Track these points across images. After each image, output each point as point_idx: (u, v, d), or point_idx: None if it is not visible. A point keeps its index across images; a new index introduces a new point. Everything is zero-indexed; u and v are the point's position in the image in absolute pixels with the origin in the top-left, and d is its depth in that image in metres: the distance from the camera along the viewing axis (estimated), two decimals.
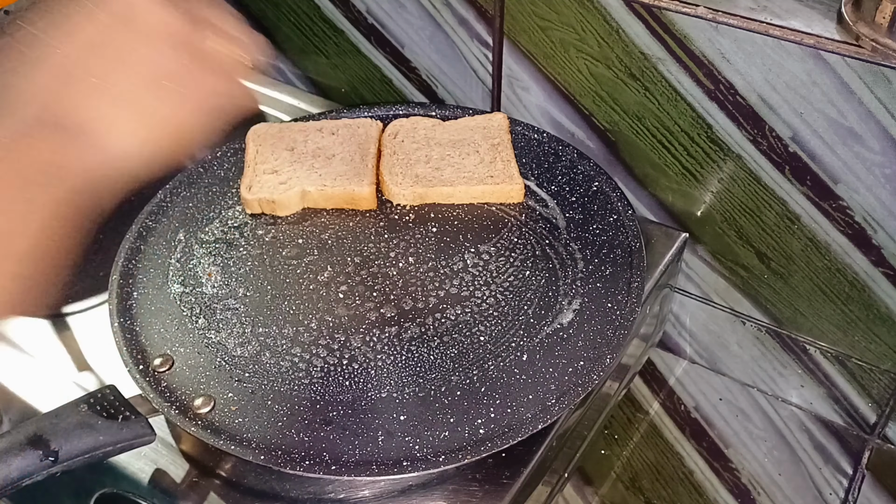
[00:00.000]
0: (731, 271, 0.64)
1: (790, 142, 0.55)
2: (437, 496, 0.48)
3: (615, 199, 0.60)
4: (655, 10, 0.55)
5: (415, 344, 0.52)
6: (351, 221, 0.61)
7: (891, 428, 0.64)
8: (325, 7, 0.75)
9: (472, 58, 0.69)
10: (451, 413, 0.48)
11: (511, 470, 0.48)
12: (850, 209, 0.56)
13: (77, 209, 0.39)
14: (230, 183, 0.64)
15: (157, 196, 0.63)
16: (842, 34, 0.51)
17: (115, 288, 0.56)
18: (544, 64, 0.64)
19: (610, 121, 0.63)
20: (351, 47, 0.76)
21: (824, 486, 0.62)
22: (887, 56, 0.49)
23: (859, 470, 0.63)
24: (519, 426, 0.47)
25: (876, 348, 0.61)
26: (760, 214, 0.60)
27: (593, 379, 0.49)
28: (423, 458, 0.46)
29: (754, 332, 0.66)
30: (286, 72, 0.84)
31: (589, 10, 0.59)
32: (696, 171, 0.61)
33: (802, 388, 0.66)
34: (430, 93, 0.75)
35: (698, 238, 0.64)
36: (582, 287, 0.55)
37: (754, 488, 0.63)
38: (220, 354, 0.52)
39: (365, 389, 0.49)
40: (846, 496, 0.62)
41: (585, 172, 0.63)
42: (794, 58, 0.52)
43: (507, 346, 0.52)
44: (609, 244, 0.58)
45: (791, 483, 0.63)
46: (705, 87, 0.57)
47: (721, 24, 0.53)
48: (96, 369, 0.58)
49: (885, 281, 0.57)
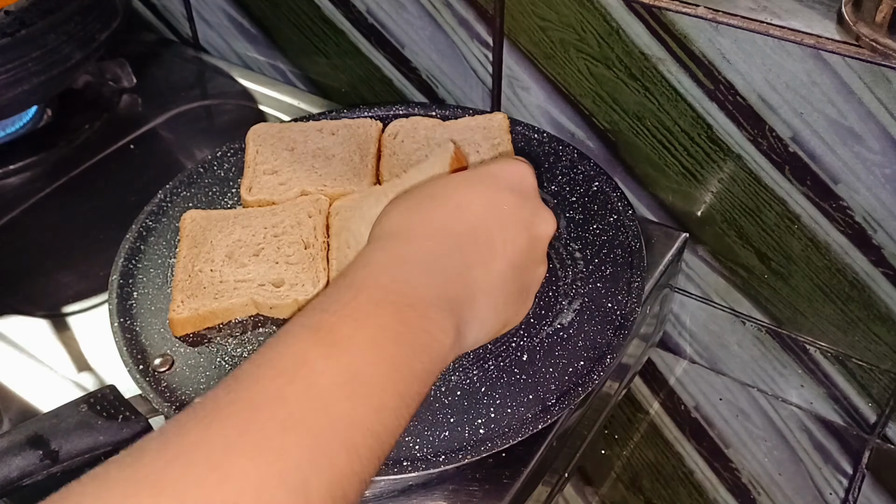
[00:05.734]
0: (732, 271, 0.64)
1: (790, 142, 0.55)
2: (437, 496, 0.48)
3: (615, 199, 0.60)
4: (655, 10, 0.55)
5: None
6: None
7: (891, 428, 0.64)
8: (325, 7, 0.75)
9: (472, 58, 0.69)
10: (451, 413, 0.48)
11: (511, 470, 0.48)
12: (850, 209, 0.56)
13: None
14: (230, 183, 0.64)
15: (157, 196, 0.63)
16: (842, 34, 0.51)
17: (115, 288, 0.56)
18: (544, 64, 0.64)
19: (610, 121, 0.63)
20: (351, 47, 0.76)
21: (824, 486, 0.62)
22: (887, 56, 0.49)
23: (859, 470, 0.63)
24: (519, 426, 0.47)
25: (876, 348, 0.61)
26: (760, 214, 0.60)
27: (593, 379, 0.49)
28: (423, 458, 0.46)
29: (754, 332, 0.66)
30: (286, 72, 0.84)
31: (589, 10, 0.59)
32: (697, 171, 0.61)
33: (802, 388, 0.66)
34: (430, 93, 0.75)
35: (698, 238, 0.64)
36: (582, 287, 0.55)
37: (754, 488, 0.63)
38: (220, 354, 0.52)
39: None
40: (846, 496, 0.62)
41: (585, 172, 0.63)
42: (794, 58, 0.52)
43: (507, 346, 0.52)
44: (609, 244, 0.58)
45: (791, 483, 0.63)
46: (705, 87, 0.57)
47: (721, 25, 0.53)
48: (96, 369, 0.58)
49: (885, 281, 0.57)
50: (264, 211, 0.59)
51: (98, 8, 0.73)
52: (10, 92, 0.66)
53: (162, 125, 0.79)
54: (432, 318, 0.38)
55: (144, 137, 0.78)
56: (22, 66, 0.66)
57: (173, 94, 0.82)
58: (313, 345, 0.35)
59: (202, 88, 0.85)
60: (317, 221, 0.57)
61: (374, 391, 0.35)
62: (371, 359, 0.35)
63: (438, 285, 0.39)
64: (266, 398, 0.33)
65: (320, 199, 0.59)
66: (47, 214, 0.70)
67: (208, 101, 0.83)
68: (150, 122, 0.79)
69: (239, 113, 0.80)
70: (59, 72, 0.69)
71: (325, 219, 0.58)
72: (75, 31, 0.69)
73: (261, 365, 0.34)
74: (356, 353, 0.35)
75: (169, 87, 0.84)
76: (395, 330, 0.37)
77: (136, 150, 0.76)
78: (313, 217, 0.57)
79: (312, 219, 0.57)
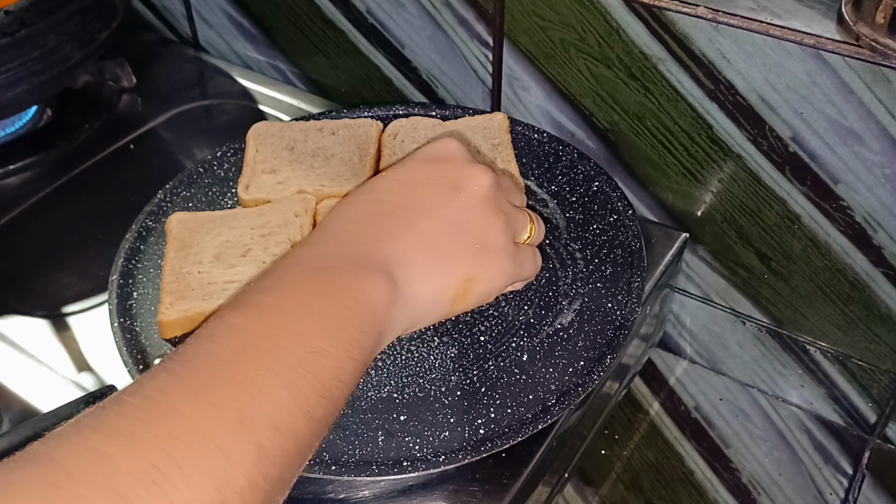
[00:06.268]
0: (732, 271, 0.64)
1: (790, 142, 0.55)
2: (437, 496, 0.48)
3: (615, 199, 0.60)
4: (655, 10, 0.55)
5: (415, 344, 0.52)
6: None
7: (891, 428, 0.64)
8: (325, 7, 0.75)
9: (472, 58, 0.69)
10: (451, 413, 0.48)
11: (511, 470, 0.48)
12: (850, 209, 0.56)
13: None
14: (230, 183, 0.64)
15: (157, 196, 0.63)
16: (842, 34, 0.51)
17: (114, 288, 0.56)
18: (544, 64, 0.64)
19: (610, 121, 0.63)
20: (351, 47, 0.76)
21: (824, 486, 0.62)
22: (887, 56, 0.49)
23: (859, 470, 0.63)
24: (519, 426, 0.47)
25: (876, 348, 0.61)
26: (761, 214, 0.60)
27: (593, 379, 0.49)
28: (423, 458, 0.46)
29: (754, 332, 0.66)
30: (286, 72, 0.84)
31: (589, 9, 0.59)
32: (697, 171, 0.61)
33: (802, 388, 0.66)
34: (430, 93, 0.75)
35: (698, 238, 0.64)
36: (582, 287, 0.55)
37: (754, 488, 0.63)
38: None
39: (365, 389, 0.49)
40: (846, 496, 0.62)
41: (585, 172, 0.63)
42: (795, 58, 0.52)
43: (507, 346, 0.52)
44: (609, 244, 0.58)
45: (791, 483, 0.63)
46: (705, 87, 0.57)
47: (721, 24, 0.53)
48: (96, 369, 0.58)
49: (885, 281, 0.57)
50: (251, 211, 0.59)
51: (98, 8, 0.72)
52: (10, 92, 0.66)
53: (162, 125, 0.79)
54: (358, 275, 0.40)
55: (144, 137, 0.78)
56: (22, 66, 0.66)
57: (173, 94, 0.82)
58: (239, 314, 0.37)
59: (202, 88, 0.85)
60: (304, 220, 0.57)
61: (304, 335, 0.35)
62: (297, 312, 0.36)
63: (360, 251, 0.41)
64: (197, 354, 0.34)
65: (307, 198, 0.59)
66: (47, 214, 0.70)
67: (208, 101, 0.83)
68: (149, 122, 0.79)
69: (239, 113, 0.80)
70: (59, 72, 0.69)
71: (313, 218, 0.58)
72: (75, 31, 0.69)
73: (191, 341, 0.36)
74: (282, 311, 0.37)
75: (169, 87, 0.84)
76: (319, 290, 0.38)
77: (136, 150, 0.76)
78: (300, 216, 0.57)
79: (299, 218, 0.57)
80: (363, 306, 0.39)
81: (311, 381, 0.34)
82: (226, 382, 0.33)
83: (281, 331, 0.35)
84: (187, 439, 0.30)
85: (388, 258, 0.42)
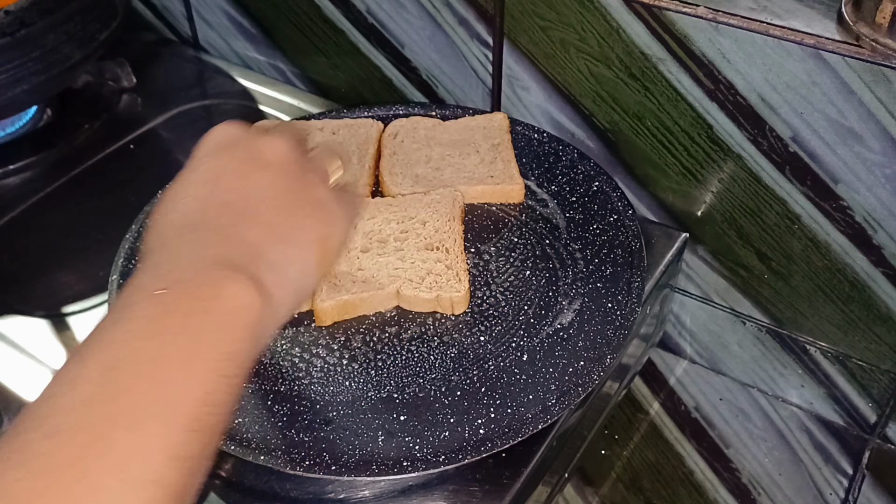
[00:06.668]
0: (732, 271, 0.64)
1: (790, 142, 0.55)
2: (437, 496, 0.48)
3: (615, 199, 0.60)
4: (655, 10, 0.55)
5: (415, 344, 0.52)
6: None
7: (891, 428, 0.64)
8: (325, 7, 0.75)
9: (472, 58, 0.69)
10: (451, 413, 0.48)
11: (511, 470, 0.48)
12: (850, 209, 0.56)
13: None
14: None
15: (156, 196, 0.63)
16: (842, 34, 0.51)
17: (115, 288, 0.56)
18: (544, 64, 0.64)
19: (610, 121, 0.63)
20: (351, 47, 0.76)
21: (824, 486, 0.62)
22: (887, 56, 0.49)
23: (859, 470, 0.63)
24: (519, 426, 0.47)
25: (876, 348, 0.61)
26: (761, 214, 0.60)
27: (593, 379, 0.49)
28: (423, 458, 0.46)
29: (754, 332, 0.66)
30: (286, 72, 0.84)
31: (589, 9, 0.59)
32: (697, 171, 0.61)
33: (802, 388, 0.66)
34: (430, 93, 0.75)
35: (698, 238, 0.64)
36: (582, 287, 0.55)
37: (754, 488, 0.63)
38: None
39: (365, 389, 0.49)
40: (846, 496, 0.62)
41: (585, 172, 0.63)
42: (795, 58, 0.52)
43: (507, 346, 0.52)
44: (609, 244, 0.58)
45: (791, 483, 0.63)
46: (705, 86, 0.57)
47: (721, 24, 0.53)
48: None
49: (885, 281, 0.57)
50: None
51: (98, 8, 0.72)
52: (10, 92, 0.66)
53: (162, 125, 0.79)
54: (213, 286, 0.37)
55: (144, 137, 0.78)
56: (22, 65, 0.66)
57: (173, 94, 0.82)
58: (81, 365, 0.36)
59: (202, 88, 0.85)
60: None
61: (156, 374, 0.34)
62: (148, 349, 0.35)
63: (202, 263, 0.39)
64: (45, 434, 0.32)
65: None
66: (47, 214, 0.70)
67: (208, 100, 0.83)
68: (149, 122, 0.79)
69: (239, 113, 0.80)
70: (59, 72, 0.69)
71: None
72: (75, 31, 0.69)
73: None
74: (130, 355, 0.35)
75: (169, 87, 0.84)
76: (173, 322, 0.36)
77: (135, 150, 0.76)
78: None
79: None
80: (226, 316, 0.36)
81: (171, 420, 0.32)
82: (74, 462, 0.30)
83: (128, 376, 0.33)
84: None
85: (234, 257, 0.39)
